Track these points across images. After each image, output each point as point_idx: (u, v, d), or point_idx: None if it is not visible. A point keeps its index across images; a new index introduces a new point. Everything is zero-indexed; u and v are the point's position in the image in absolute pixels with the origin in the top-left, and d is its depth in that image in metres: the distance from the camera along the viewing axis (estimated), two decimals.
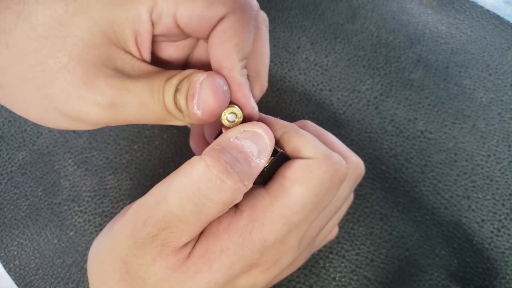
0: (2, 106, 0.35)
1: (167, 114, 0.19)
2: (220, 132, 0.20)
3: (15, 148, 0.34)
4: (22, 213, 0.32)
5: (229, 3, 0.18)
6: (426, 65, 0.34)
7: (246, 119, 0.20)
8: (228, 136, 0.18)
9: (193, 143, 0.26)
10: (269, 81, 0.34)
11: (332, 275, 0.30)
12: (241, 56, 0.19)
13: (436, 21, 0.36)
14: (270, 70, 0.35)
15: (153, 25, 0.18)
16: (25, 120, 0.34)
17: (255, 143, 0.18)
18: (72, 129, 0.20)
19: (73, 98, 0.17)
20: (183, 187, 0.17)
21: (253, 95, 0.20)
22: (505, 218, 0.30)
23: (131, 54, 0.19)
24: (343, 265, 0.30)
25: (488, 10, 0.36)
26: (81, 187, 0.32)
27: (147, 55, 0.19)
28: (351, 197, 0.25)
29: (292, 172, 0.19)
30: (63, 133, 0.34)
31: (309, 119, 0.33)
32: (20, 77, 0.18)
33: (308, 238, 0.20)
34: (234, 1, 0.18)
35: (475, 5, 0.37)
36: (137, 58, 0.19)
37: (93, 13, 0.17)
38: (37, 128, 0.34)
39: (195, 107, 0.18)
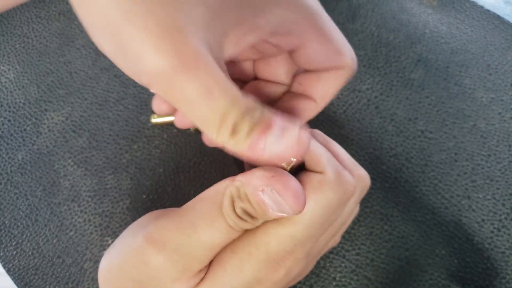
0: (2, 106, 0.35)
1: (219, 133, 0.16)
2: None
3: (15, 148, 0.34)
4: (21, 213, 0.32)
5: (351, 59, 0.19)
6: (427, 64, 0.34)
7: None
8: (256, 185, 0.17)
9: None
10: None
11: (332, 275, 0.29)
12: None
13: (436, 21, 0.36)
14: None
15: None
16: (25, 120, 0.34)
17: (276, 205, 0.17)
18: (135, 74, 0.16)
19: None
20: (215, 218, 0.18)
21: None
22: (506, 218, 0.30)
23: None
24: (343, 265, 0.30)
25: (488, 10, 0.36)
26: (81, 187, 0.32)
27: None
28: (357, 209, 0.25)
29: None
30: (63, 132, 0.34)
31: None
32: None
33: (314, 252, 0.21)
34: (353, 59, 0.20)
35: (475, 5, 0.37)
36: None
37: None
38: (37, 128, 0.34)
39: (261, 146, 0.16)
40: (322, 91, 0.20)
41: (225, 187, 0.18)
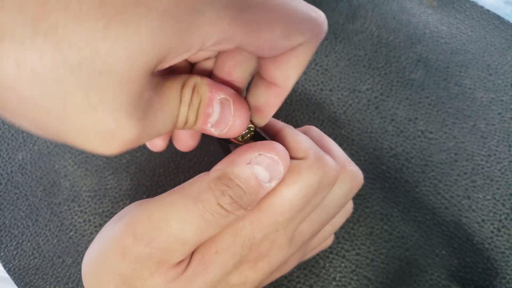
0: None
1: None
2: (227, 140, 0.20)
3: (15, 148, 0.34)
4: (22, 213, 0.32)
5: (307, 32, 0.16)
6: (427, 65, 0.34)
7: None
8: (241, 160, 0.17)
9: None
10: None
11: (332, 275, 0.29)
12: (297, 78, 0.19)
13: (436, 21, 0.36)
14: None
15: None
16: None
17: (268, 170, 0.17)
18: None
19: (94, 144, 0.14)
20: (188, 211, 0.17)
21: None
22: (506, 218, 0.30)
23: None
24: (343, 265, 0.30)
25: (488, 10, 0.36)
26: (81, 187, 0.32)
27: None
28: (350, 207, 0.25)
29: None
30: None
31: (309, 119, 0.33)
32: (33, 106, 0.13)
33: (298, 240, 0.21)
34: (312, 30, 0.17)
35: (475, 5, 0.37)
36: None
37: (140, 40, 0.13)
38: None
39: (209, 125, 0.17)
40: (282, 75, 0.18)
41: (200, 181, 0.18)
